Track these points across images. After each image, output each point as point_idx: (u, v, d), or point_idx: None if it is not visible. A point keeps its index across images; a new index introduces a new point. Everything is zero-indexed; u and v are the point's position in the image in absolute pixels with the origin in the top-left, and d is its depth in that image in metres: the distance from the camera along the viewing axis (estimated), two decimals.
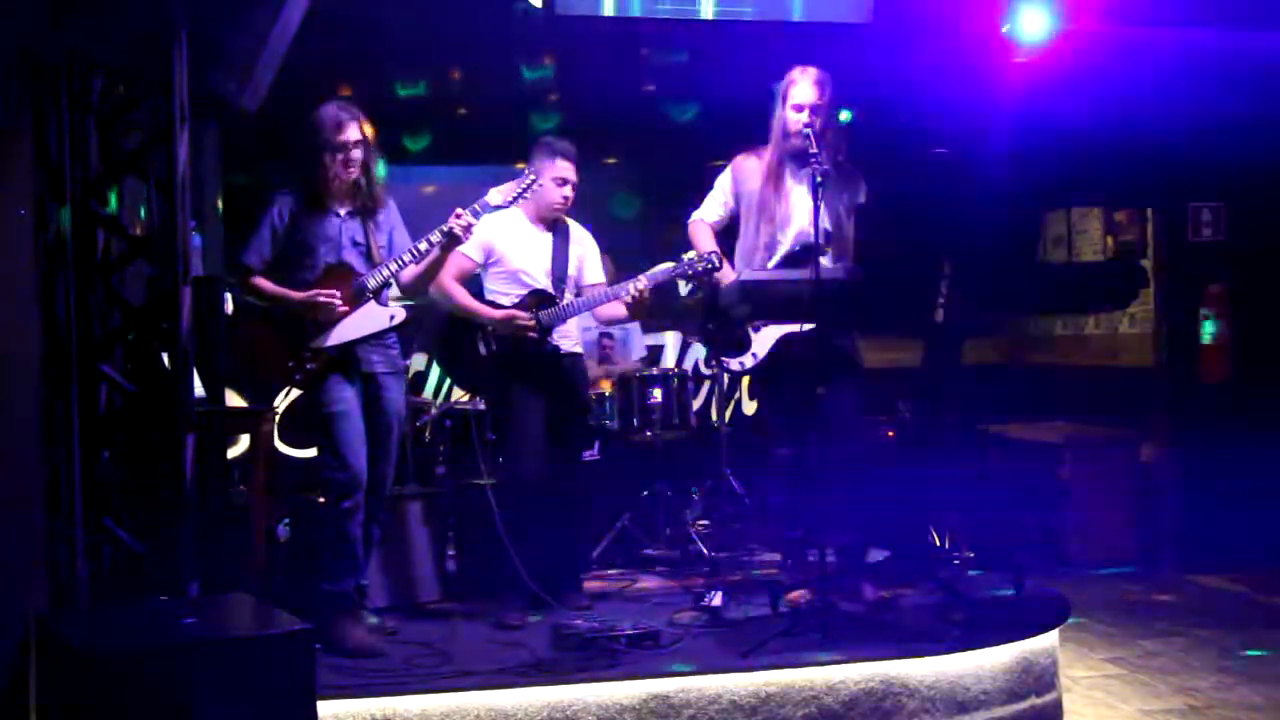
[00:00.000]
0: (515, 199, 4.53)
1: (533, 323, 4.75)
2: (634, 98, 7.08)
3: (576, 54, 6.75)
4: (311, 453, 4.86)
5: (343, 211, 4.43)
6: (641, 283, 4.73)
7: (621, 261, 6.00)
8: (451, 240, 4.38)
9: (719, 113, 6.95)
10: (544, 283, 4.87)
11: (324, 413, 4.31)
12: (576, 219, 5.08)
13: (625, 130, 7.27)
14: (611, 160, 7.63)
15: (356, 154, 4.36)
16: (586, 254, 5.03)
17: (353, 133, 4.34)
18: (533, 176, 4.59)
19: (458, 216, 4.37)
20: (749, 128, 4.90)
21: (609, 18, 6.07)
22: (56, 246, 3.79)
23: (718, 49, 6.66)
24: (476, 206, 4.44)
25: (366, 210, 4.46)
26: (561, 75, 6.91)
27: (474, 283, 4.98)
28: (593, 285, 4.98)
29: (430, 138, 7.04)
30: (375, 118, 4.55)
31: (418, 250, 4.38)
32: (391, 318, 4.42)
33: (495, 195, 4.49)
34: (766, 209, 4.73)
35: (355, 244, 4.43)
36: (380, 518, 4.53)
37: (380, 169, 4.48)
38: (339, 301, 4.31)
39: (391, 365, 4.49)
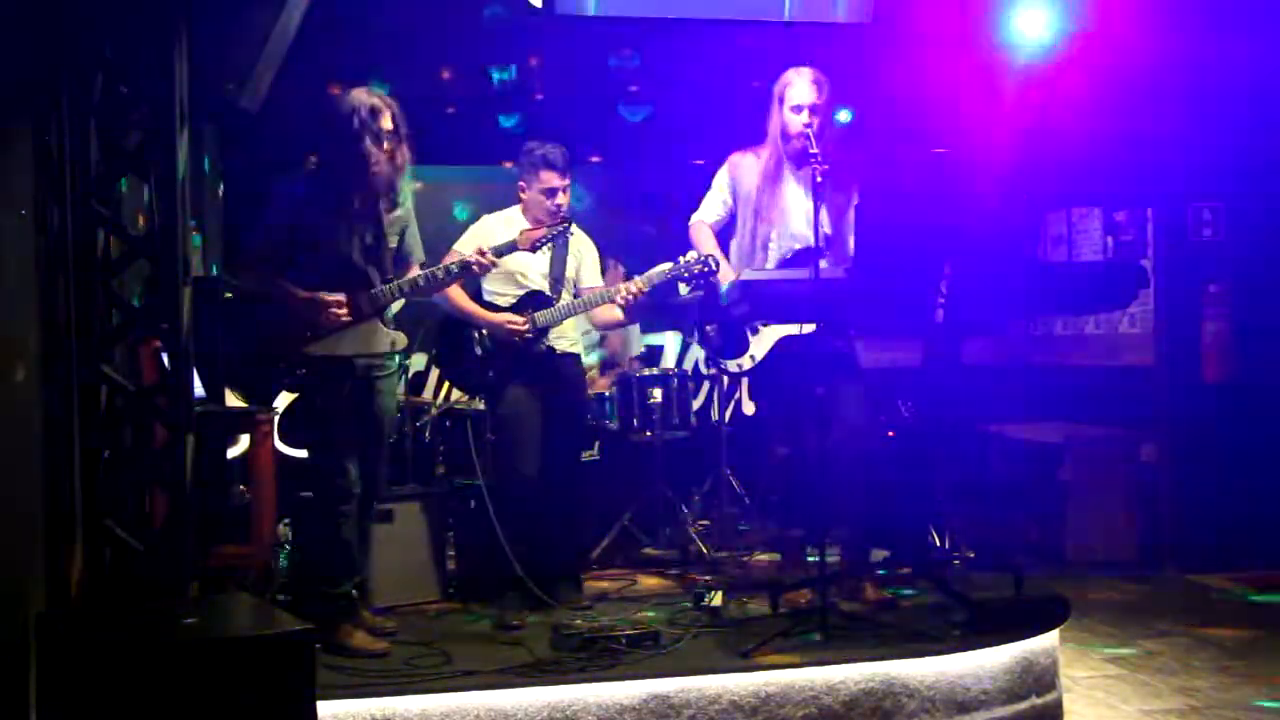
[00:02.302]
0: (542, 243, 4.58)
1: (526, 326, 4.76)
2: (633, 98, 7.09)
3: (576, 53, 6.76)
4: None
5: (358, 206, 4.25)
6: (637, 285, 4.73)
7: (622, 263, 6.01)
8: (469, 274, 4.40)
9: (719, 113, 6.96)
10: (541, 284, 4.87)
11: (316, 414, 4.29)
12: (575, 220, 5.08)
13: (623, 130, 7.28)
14: (598, 158, 7.64)
15: (390, 144, 4.23)
16: (585, 257, 5.03)
17: (387, 121, 4.21)
18: (563, 225, 4.63)
19: (481, 254, 4.39)
20: (747, 127, 4.90)
21: (609, 17, 6.08)
22: (56, 246, 3.79)
23: (717, 49, 6.67)
24: (503, 247, 4.46)
25: (388, 203, 4.31)
26: (561, 75, 6.92)
27: (472, 281, 4.97)
28: (590, 288, 4.98)
29: (429, 137, 7.04)
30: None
31: (433, 276, 4.36)
32: (393, 342, 4.35)
33: (524, 240, 4.50)
34: (763, 210, 4.73)
35: (365, 245, 4.28)
36: (374, 516, 4.53)
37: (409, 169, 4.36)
38: (343, 314, 4.22)
39: (383, 367, 4.45)
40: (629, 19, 6.17)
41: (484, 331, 4.82)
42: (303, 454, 5.32)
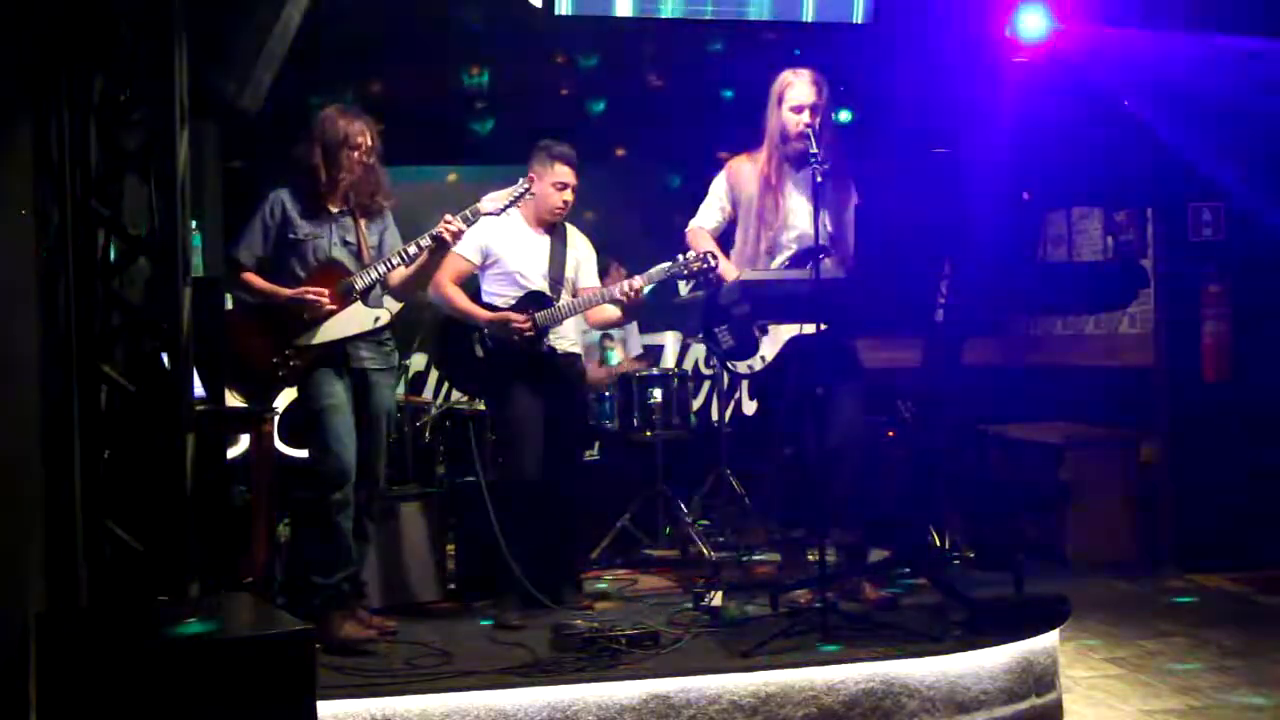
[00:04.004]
0: (508, 206, 4.54)
1: (528, 324, 4.75)
2: (636, 97, 7.09)
3: (577, 53, 6.77)
4: None
5: (335, 210, 4.46)
6: (637, 283, 4.74)
7: (626, 262, 6.00)
8: (440, 245, 4.39)
9: (720, 112, 6.97)
10: (540, 284, 4.87)
11: (313, 408, 4.35)
12: (583, 218, 5.08)
13: (627, 129, 7.28)
14: (620, 152, 7.63)
15: (368, 158, 4.41)
16: (583, 258, 5.03)
17: (365, 137, 4.40)
18: (526, 184, 4.59)
19: (447, 222, 4.39)
20: (750, 127, 4.90)
21: (610, 18, 6.08)
22: (56, 246, 3.79)
23: (718, 48, 6.67)
24: (468, 213, 4.45)
25: (363, 211, 4.48)
26: (564, 74, 6.92)
27: (471, 283, 4.98)
28: (588, 288, 4.98)
29: (430, 137, 7.05)
30: (374, 117, 4.55)
31: (406, 253, 4.40)
32: (376, 319, 4.42)
33: (488, 202, 4.50)
34: (765, 214, 4.73)
35: (346, 243, 4.46)
36: (373, 512, 4.55)
37: (386, 178, 4.52)
38: (326, 300, 4.34)
39: (383, 362, 4.49)
40: (635, 19, 6.17)
41: (485, 332, 4.82)
42: (303, 454, 5.34)
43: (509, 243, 4.87)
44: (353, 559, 4.37)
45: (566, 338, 4.95)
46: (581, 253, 5.03)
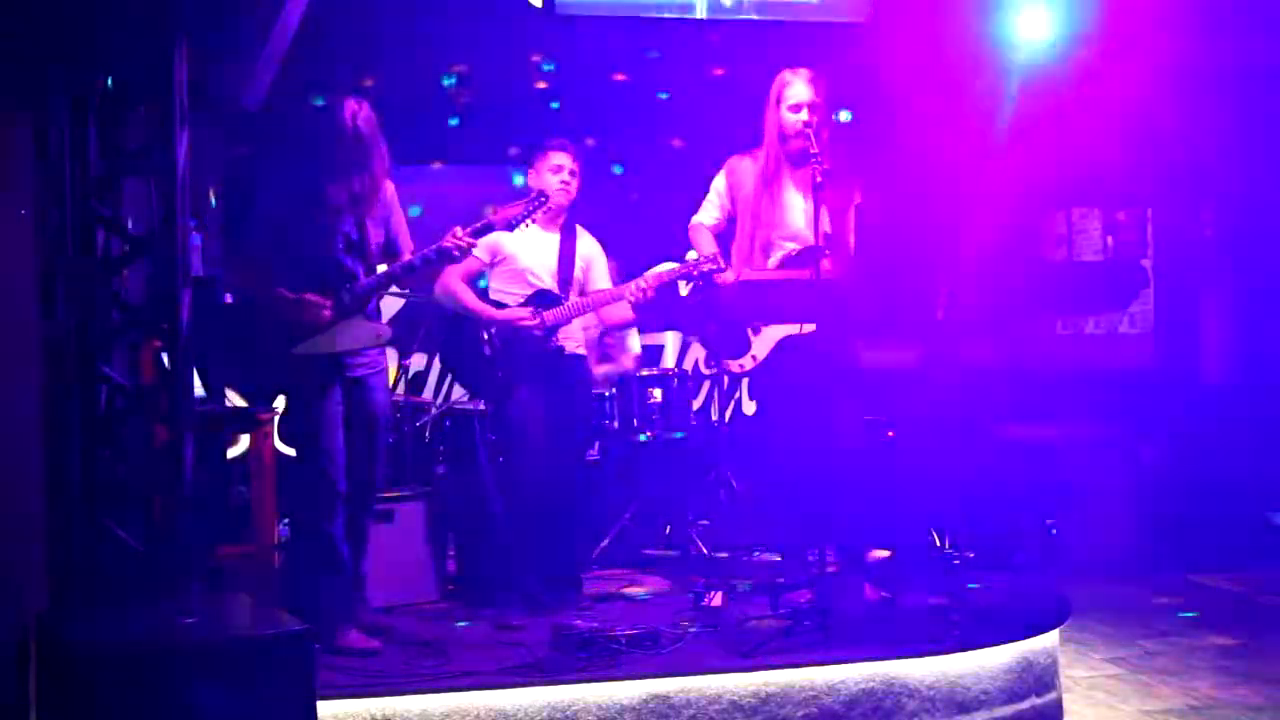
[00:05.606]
0: (518, 221, 4.47)
1: (536, 321, 4.75)
2: (635, 96, 7.09)
3: (577, 53, 6.77)
4: None
5: (338, 206, 4.29)
6: (645, 283, 4.74)
7: (625, 264, 6.00)
8: (447, 259, 4.32)
9: (720, 111, 6.96)
10: (549, 283, 4.87)
11: (305, 415, 4.28)
12: (583, 219, 5.09)
13: (626, 129, 7.28)
14: (593, 141, 7.63)
15: (367, 142, 4.26)
16: (593, 260, 5.03)
17: (362, 120, 4.24)
18: (540, 199, 4.51)
19: (456, 237, 4.30)
20: (748, 126, 4.90)
21: (610, 18, 6.09)
22: (56, 246, 3.79)
23: (718, 48, 6.67)
24: (478, 225, 4.38)
25: (366, 205, 4.33)
26: (563, 74, 6.92)
27: (478, 278, 4.98)
28: (598, 291, 4.97)
29: (430, 136, 7.05)
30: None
31: (410, 265, 4.32)
32: (378, 335, 4.35)
33: (499, 217, 4.43)
34: (763, 212, 4.72)
35: (350, 243, 4.32)
36: (372, 515, 4.53)
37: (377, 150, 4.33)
38: (326, 310, 4.23)
39: (372, 366, 4.43)
40: (634, 19, 6.17)
41: (492, 331, 4.81)
42: None
43: (518, 240, 4.85)
44: (349, 564, 4.34)
45: (573, 339, 4.95)
46: (592, 255, 5.03)
